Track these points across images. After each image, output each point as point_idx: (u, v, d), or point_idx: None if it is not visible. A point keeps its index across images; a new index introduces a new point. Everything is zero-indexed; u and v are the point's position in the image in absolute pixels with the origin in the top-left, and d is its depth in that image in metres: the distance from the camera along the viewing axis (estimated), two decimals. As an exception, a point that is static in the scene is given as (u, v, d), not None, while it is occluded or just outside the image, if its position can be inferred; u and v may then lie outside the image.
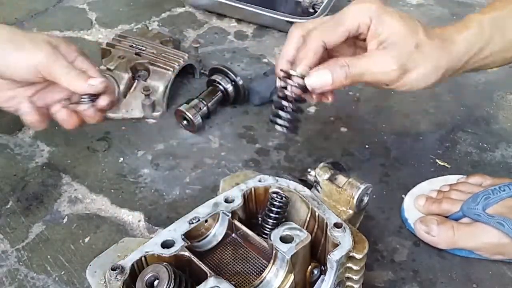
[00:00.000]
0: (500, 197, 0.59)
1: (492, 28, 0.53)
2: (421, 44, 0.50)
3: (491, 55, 0.53)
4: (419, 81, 0.51)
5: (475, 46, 0.52)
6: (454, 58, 0.52)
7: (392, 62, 0.49)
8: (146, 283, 0.42)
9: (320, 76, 0.50)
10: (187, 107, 0.77)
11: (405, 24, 0.50)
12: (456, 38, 0.52)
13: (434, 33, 0.52)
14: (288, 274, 0.45)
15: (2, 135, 0.77)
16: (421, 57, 0.50)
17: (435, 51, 0.50)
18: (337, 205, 0.54)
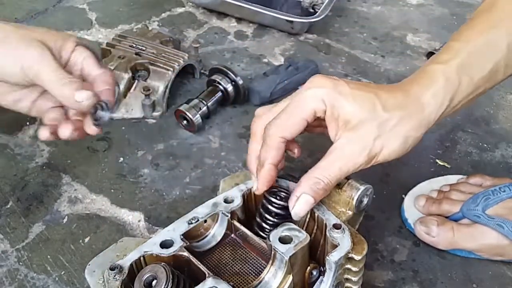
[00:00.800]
0: (500, 198, 0.59)
1: (459, 76, 0.50)
2: (382, 122, 0.47)
3: (461, 101, 0.51)
4: (391, 157, 0.49)
5: (445, 101, 0.49)
6: (424, 123, 0.49)
7: (360, 156, 0.47)
8: (144, 283, 0.42)
9: (303, 204, 0.48)
10: (187, 107, 0.77)
11: (362, 103, 0.47)
12: (424, 99, 0.49)
13: (395, 102, 0.49)
14: (286, 275, 0.45)
15: (2, 135, 0.77)
16: (385, 138, 0.48)
17: (400, 125, 0.48)
18: (337, 206, 0.54)
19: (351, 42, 1.04)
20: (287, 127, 0.49)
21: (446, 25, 1.11)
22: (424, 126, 0.50)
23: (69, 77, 0.52)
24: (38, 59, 0.51)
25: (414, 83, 0.50)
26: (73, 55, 0.55)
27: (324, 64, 0.96)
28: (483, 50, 0.51)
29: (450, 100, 0.50)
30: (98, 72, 0.55)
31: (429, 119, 0.49)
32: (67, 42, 0.55)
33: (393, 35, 1.07)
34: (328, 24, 1.10)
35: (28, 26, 0.56)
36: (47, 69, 0.51)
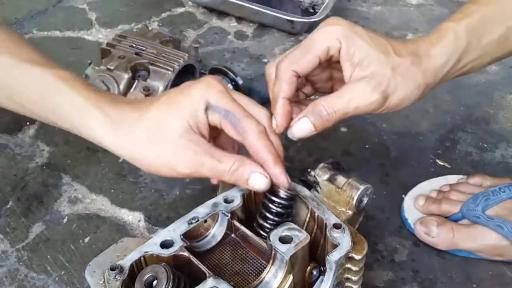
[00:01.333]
0: (500, 199, 0.59)
1: (467, 35, 0.50)
2: (396, 66, 0.48)
3: (469, 63, 0.52)
4: (401, 103, 0.50)
5: (452, 57, 0.50)
6: (432, 73, 0.50)
7: (373, 93, 0.47)
8: (144, 283, 0.42)
9: (301, 127, 0.49)
10: (187, 107, 0.77)
11: (376, 45, 0.48)
12: (432, 52, 0.50)
13: (406, 49, 0.50)
14: (287, 275, 0.45)
15: (2, 135, 0.77)
16: (399, 81, 0.48)
17: (411, 70, 0.49)
18: (337, 205, 0.54)
19: (351, 42, 1.04)
20: (300, 61, 0.49)
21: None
22: (432, 76, 0.50)
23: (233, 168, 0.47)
24: (194, 167, 0.48)
25: (424, 38, 0.51)
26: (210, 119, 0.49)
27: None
28: (495, 14, 0.51)
29: (457, 58, 0.50)
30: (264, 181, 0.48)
31: (437, 71, 0.50)
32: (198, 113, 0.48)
33: (393, 35, 1.07)
34: (328, 24, 1.10)
35: None
36: (204, 171, 0.48)
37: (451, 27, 0.51)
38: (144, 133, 0.48)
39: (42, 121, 0.55)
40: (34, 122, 0.79)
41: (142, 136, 0.48)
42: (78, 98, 0.50)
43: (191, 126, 0.47)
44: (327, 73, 0.55)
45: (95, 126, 0.49)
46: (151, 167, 0.48)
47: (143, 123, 0.48)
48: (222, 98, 0.47)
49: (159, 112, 0.48)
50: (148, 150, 0.48)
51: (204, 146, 0.47)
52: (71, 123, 0.51)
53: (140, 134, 0.48)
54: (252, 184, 0.47)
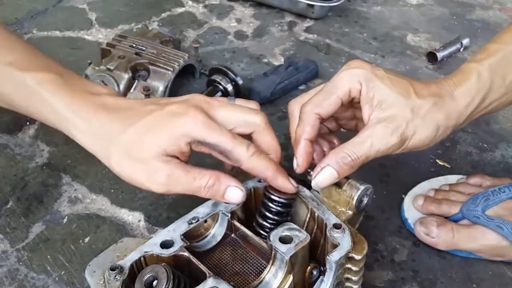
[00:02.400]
0: (500, 199, 0.59)
1: (491, 75, 0.51)
2: (416, 107, 0.48)
3: (494, 102, 0.52)
4: (420, 144, 0.50)
5: (476, 98, 0.50)
6: (455, 115, 0.50)
7: (392, 137, 0.48)
8: (144, 283, 0.42)
9: (325, 176, 0.49)
10: (187, 107, 0.77)
11: (396, 87, 0.49)
12: (456, 93, 0.50)
13: (428, 91, 0.50)
14: (287, 275, 0.45)
15: (2, 135, 0.77)
16: (418, 123, 0.48)
17: (432, 112, 0.49)
18: (337, 205, 0.54)
19: (351, 42, 1.04)
20: (322, 104, 0.50)
21: (446, 25, 1.11)
22: (455, 118, 0.50)
23: (208, 184, 0.49)
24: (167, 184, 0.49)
25: (447, 79, 0.52)
26: None
27: (324, 64, 0.96)
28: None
29: (482, 98, 0.50)
30: None
31: (460, 112, 0.50)
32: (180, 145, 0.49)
33: (393, 35, 1.07)
34: (328, 24, 1.10)
35: None
36: (181, 187, 0.49)
37: (474, 67, 0.51)
38: (123, 149, 0.49)
39: None
40: (34, 122, 0.79)
41: (121, 151, 0.49)
42: (59, 106, 0.52)
43: (168, 153, 0.48)
44: (350, 112, 0.56)
45: (77, 135, 0.52)
46: (131, 181, 0.50)
47: (122, 139, 0.49)
48: (208, 132, 0.48)
49: (139, 131, 0.49)
50: (126, 165, 0.49)
51: (179, 166, 0.48)
52: (57, 127, 0.54)
53: (119, 149, 0.49)
54: (228, 198, 0.49)
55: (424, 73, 0.96)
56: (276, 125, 0.81)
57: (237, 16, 1.11)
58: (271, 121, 0.81)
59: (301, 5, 1.07)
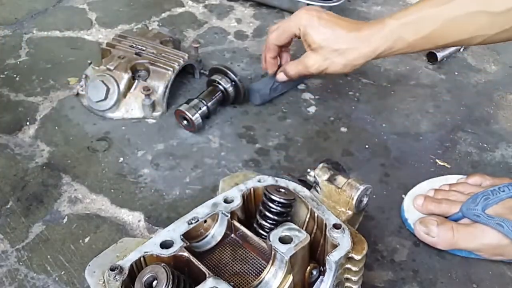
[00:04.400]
0: (499, 198, 0.59)
1: (402, 30, 0.66)
2: (333, 50, 0.70)
3: (398, 50, 0.68)
4: (339, 71, 0.72)
5: (382, 46, 0.67)
6: (365, 54, 0.69)
7: (313, 66, 0.73)
8: (144, 284, 0.42)
9: (280, 77, 0.81)
10: (187, 107, 0.77)
11: (323, 34, 0.71)
12: (371, 39, 0.68)
13: (349, 36, 0.69)
14: (287, 275, 0.45)
15: (2, 135, 0.77)
16: (333, 60, 0.71)
17: (346, 54, 0.70)
18: (337, 205, 0.54)
19: (351, 42, 1.04)
20: (280, 37, 0.78)
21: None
22: (362, 58, 0.70)
23: None
24: None
25: (369, 27, 0.69)
26: None
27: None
28: (424, 18, 0.64)
29: (387, 47, 0.67)
30: None
31: (368, 55, 0.69)
32: None
33: (393, 35, 1.07)
34: (328, 24, 1.10)
35: None
36: None
37: (390, 23, 0.66)
38: None
39: None
40: (34, 122, 0.79)
41: None
42: None
43: None
44: None
45: None
46: None
47: None
48: None
49: None
50: None
51: None
52: None
53: None
54: None
55: (424, 73, 0.96)
56: (276, 125, 0.81)
57: (237, 16, 1.11)
58: (271, 121, 0.82)
59: (301, 5, 1.07)
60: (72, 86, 0.87)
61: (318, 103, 0.87)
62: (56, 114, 0.81)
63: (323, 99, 0.88)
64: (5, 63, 0.92)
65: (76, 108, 0.83)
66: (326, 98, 0.88)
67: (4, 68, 0.91)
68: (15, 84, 0.87)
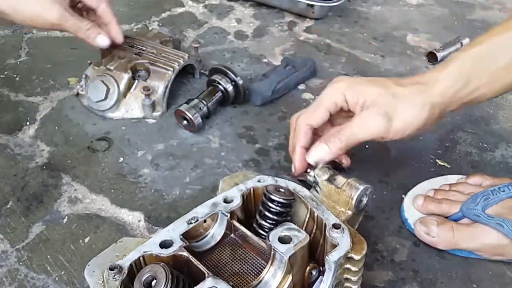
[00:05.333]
0: (499, 198, 0.59)
1: (474, 62, 0.54)
2: (397, 93, 0.54)
3: (478, 88, 0.54)
4: (408, 125, 0.54)
5: (458, 81, 0.53)
6: (437, 95, 0.54)
7: (376, 115, 0.54)
8: (143, 283, 0.42)
9: (318, 151, 0.57)
10: (187, 107, 0.77)
11: (376, 84, 0.55)
12: (438, 77, 0.54)
13: (410, 81, 0.55)
14: (286, 275, 0.45)
15: (2, 135, 0.77)
16: (401, 104, 0.54)
17: (413, 94, 0.54)
18: (336, 205, 0.54)
19: (351, 42, 1.04)
20: (312, 116, 0.59)
21: (446, 25, 1.11)
22: (439, 96, 0.54)
23: (87, 27, 0.71)
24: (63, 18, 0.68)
25: (430, 70, 0.56)
26: None
27: (324, 64, 0.96)
28: (502, 45, 0.53)
29: (465, 81, 0.53)
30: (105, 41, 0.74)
31: (443, 91, 0.53)
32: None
33: (393, 35, 1.07)
34: (328, 24, 1.10)
35: None
36: (70, 24, 0.70)
37: (457, 55, 0.55)
38: None
39: None
40: (34, 122, 0.79)
41: None
42: None
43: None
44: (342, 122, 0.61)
45: None
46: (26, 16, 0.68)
47: None
48: None
49: None
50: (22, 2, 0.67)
51: (68, 9, 0.69)
52: None
53: None
54: (98, 41, 0.73)
55: (424, 73, 0.96)
56: (276, 125, 0.81)
57: (237, 16, 1.11)
58: (271, 121, 0.82)
59: (301, 5, 1.07)
60: (72, 86, 0.87)
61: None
62: (56, 114, 0.81)
63: (323, 99, 0.87)
64: (5, 63, 0.92)
65: (76, 108, 0.83)
66: (326, 98, 0.88)
67: (4, 68, 0.91)
68: (15, 84, 0.87)
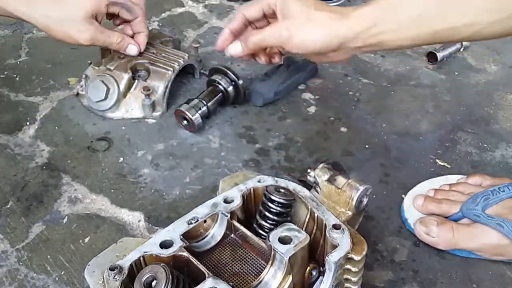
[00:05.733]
0: (499, 198, 0.59)
1: (386, 7, 0.55)
2: (311, 15, 0.58)
3: (384, 32, 0.55)
4: (305, 44, 0.59)
5: (366, 21, 0.55)
6: (344, 28, 0.57)
7: (282, 29, 0.60)
8: (144, 284, 0.42)
9: (234, 46, 0.66)
10: (187, 107, 0.77)
11: (302, 4, 0.59)
12: (351, 13, 0.57)
13: (329, 8, 0.59)
14: (286, 275, 0.45)
15: (2, 135, 0.77)
16: (308, 25, 0.58)
17: (323, 21, 0.58)
18: (336, 206, 0.54)
19: (351, 42, 1.04)
20: (248, 8, 0.66)
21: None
22: (344, 31, 0.57)
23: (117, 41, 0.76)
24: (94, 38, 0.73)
25: (354, 7, 0.59)
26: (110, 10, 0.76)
27: (324, 64, 0.96)
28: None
29: (373, 23, 0.55)
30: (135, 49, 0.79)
31: (350, 27, 0.56)
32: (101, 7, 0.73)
33: (393, 35, 1.07)
34: (328, 24, 1.10)
35: None
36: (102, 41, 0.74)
37: (374, 1, 0.57)
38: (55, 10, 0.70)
39: None
40: (34, 122, 0.79)
41: (54, 13, 0.70)
42: None
43: (92, 15, 0.72)
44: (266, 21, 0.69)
45: None
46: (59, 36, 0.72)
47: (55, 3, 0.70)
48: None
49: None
50: (57, 24, 0.70)
51: (99, 28, 0.73)
52: None
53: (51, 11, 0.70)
54: (128, 51, 0.79)
55: (424, 73, 0.96)
56: (276, 125, 0.81)
57: (237, 16, 1.11)
58: (271, 121, 0.82)
59: None
60: (72, 86, 0.87)
61: (318, 103, 0.86)
62: (56, 114, 0.81)
63: (323, 99, 0.88)
64: (5, 63, 0.92)
65: (76, 108, 0.83)
66: (326, 98, 0.88)
67: (4, 68, 0.91)
68: (15, 84, 0.87)
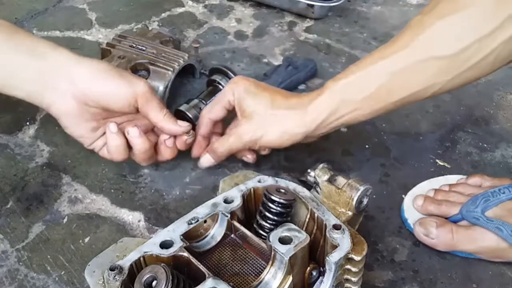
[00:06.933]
0: (499, 200, 0.59)
1: (343, 92, 0.59)
2: (268, 117, 0.63)
3: (345, 115, 0.60)
4: (271, 144, 0.64)
5: (327, 110, 0.60)
6: (301, 125, 0.61)
7: (246, 136, 0.64)
8: (144, 284, 0.42)
9: (205, 159, 0.69)
10: (187, 107, 0.77)
11: (258, 101, 0.63)
12: (307, 108, 0.61)
13: (286, 104, 0.62)
14: (286, 276, 0.45)
15: (2, 135, 0.77)
16: (268, 129, 0.63)
17: (288, 119, 0.62)
18: (337, 206, 0.54)
19: (351, 42, 1.04)
20: (211, 111, 0.69)
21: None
22: (302, 128, 0.61)
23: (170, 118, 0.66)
24: (150, 90, 0.64)
25: (309, 94, 0.62)
26: None
27: (324, 64, 0.96)
28: (369, 75, 0.58)
29: (333, 110, 0.59)
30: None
31: (309, 124, 0.61)
32: None
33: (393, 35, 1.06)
34: (328, 24, 1.10)
35: None
36: (155, 99, 0.64)
37: (329, 85, 0.60)
38: None
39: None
40: (34, 122, 0.79)
41: None
42: None
43: None
44: None
45: None
46: None
47: None
48: None
49: None
50: None
51: None
52: None
53: None
54: None
55: (424, 73, 0.96)
56: (276, 125, 0.81)
57: (237, 16, 1.11)
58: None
59: (301, 5, 1.07)
60: (72, 86, 0.87)
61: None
62: (56, 114, 0.81)
63: (323, 99, 0.87)
64: (5, 63, 0.92)
65: (76, 108, 0.82)
66: (326, 98, 0.88)
67: (4, 68, 0.91)
68: (15, 84, 0.87)
